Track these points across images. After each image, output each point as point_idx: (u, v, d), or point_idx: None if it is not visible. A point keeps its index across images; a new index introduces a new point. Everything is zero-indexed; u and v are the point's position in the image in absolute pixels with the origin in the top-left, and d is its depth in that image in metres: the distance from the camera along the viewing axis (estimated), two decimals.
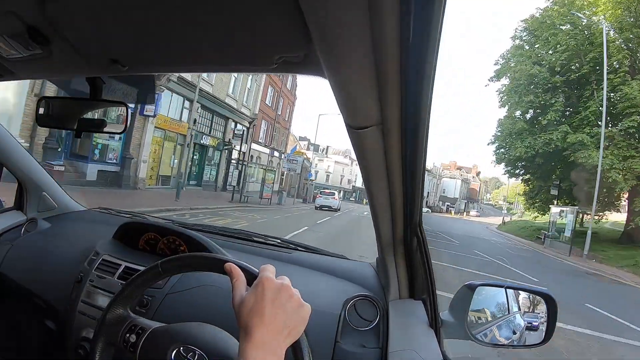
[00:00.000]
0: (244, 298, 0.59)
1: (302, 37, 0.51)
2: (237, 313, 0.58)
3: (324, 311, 1.02)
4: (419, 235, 0.93)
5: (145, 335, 0.76)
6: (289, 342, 0.58)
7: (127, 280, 0.79)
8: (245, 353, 0.55)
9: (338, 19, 0.42)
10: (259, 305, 0.57)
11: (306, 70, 0.61)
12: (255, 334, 0.55)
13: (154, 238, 1.26)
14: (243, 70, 0.73)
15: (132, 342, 0.75)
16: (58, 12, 0.58)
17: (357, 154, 0.70)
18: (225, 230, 1.53)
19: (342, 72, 0.51)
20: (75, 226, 1.51)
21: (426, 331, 0.99)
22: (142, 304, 1.03)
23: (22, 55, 0.69)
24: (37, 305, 1.23)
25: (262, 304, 0.57)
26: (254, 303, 0.58)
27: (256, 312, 0.57)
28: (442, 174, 78.79)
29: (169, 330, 0.78)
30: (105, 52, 0.69)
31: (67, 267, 1.22)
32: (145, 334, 0.76)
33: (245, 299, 0.59)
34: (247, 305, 0.58)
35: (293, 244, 1.45)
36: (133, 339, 0.75)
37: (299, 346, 0.63)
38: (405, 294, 1.09)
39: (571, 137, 18.39)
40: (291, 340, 0.59)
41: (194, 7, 0.52)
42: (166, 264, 0.75)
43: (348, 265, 1.30)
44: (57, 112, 1.00)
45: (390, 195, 0.81)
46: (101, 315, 0.77)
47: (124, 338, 0.76)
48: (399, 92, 0.52)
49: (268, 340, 0.56)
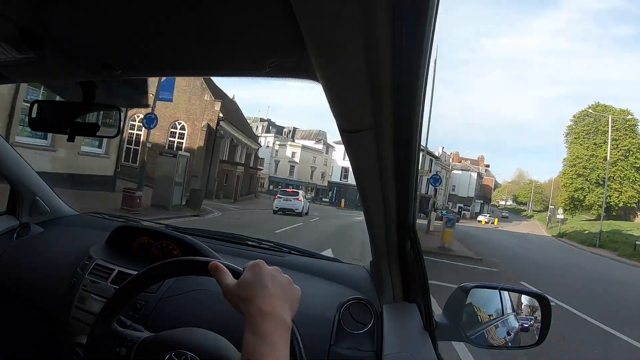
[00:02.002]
0: (240, 279, 0.59)
1: (295, 42, 0.51)
2: (234, 296, 0.58)
3: (318, 314, 1.02)
4: (413, 238, 0.94)
5: (136, 346, 0.76)
6: (292, 314, 0.58)
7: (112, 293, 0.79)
8: (257, 327, 0.53)
9: (331, 23, 0.43)
10: (259, 278, 0.58)
11: (299, 75, 0.61)
12: (262, 303, 0.55)
13: (147, 242, 1.26)
14: (236, 74, 0.73)
15: (123, 356, 0.75)
16: (51, 15, 0.58)
17: (350, 157, 0.70)
18: (218, 234, 1.53)
19: (335, 76, 0.52)
20: (68, 231, 1.50)
21: (421, 334, 0.99)
22: (136, 309, 1.03)
23: (15, 59, 0.69)
24: (30, 310, 1.22)
25: (261, 277, 0.58)
26: (254, 279, 0.58)
27: (258, 285, 0.57)
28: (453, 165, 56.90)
29: (159, 339, 0.78)
30: (98, 56, 0.69)
31: (60, 272, 1.21)
32: (135, 345, 0.76)
33: (242, 278, 0.59)
34: (243, 285, 0.58)
35: (287, 247, 1.45)
36: (124, 352, 0.76)
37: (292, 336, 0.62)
38: (399, 297, 1.09)
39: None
40: (293, 314, 0.58)
41: (186, 11, 0.52)
42: (149, 272, 0.75)
43: (342, 269, 1.30)
44: (49, 115, 1.00)
45: (383, 198, 0.82)
46: (88, 333, 0.77)
47: (114, 352, 0.76)
48: (392, 96, 0.53)
49: (275, 308, 0.55)
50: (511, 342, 1.09)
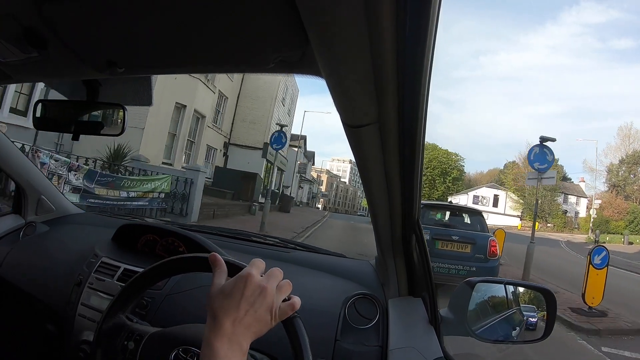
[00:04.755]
0: (221, 286, 0.58)
1: (298, 37, 0.51)
2: (211, 299, 0.58)
3: (324, 310, 1.03)
4: (418, 232, 0.94)
5: (143, 341, 0.76)
6: (254, 337, 0.58)
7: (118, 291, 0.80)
8: (211, 341, 0.54)
9: (335, 17, 0.42)
10: (235, 297, 0.56)
11: (303, 70, 0.61)
12: (224, 324, 0.55)
13: (153, 239, 1.26)
14: (240, 70, 0.73)
15: (131, 349, 0.75)
16: (55, 14, 0.58)
17: (355, 153, 0.70)
18: (223, 231, 1.53)
19: (338, 71, 0.51)
20: (74, 229, 1.51)
21: (426, 328, 1.00)
22: (142, 306, 1.03)
23: (19, 58, 0.69)
24: (36, 308, 1.23)
25: (238, 297, 0.56)
26: (230, 293, 0.57)
27: (230, 303, 0.56)
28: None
29: (167, 334, 0.78)
30: (101, 54, 0.69)
31: (66, 269, 1.22)
32: (143, 340, 0.76)
33: (223, 287, 0.58)
34: (223, 293, 0.57)
35: (292, 243, 1.45)
36: (132, 345, 0.76)
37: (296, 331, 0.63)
38: (404, 291, 1.09)
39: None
40: (256, 337, 0.58)
41: (190, 7, 0.52)
42: (151, 271, 0.76)
43: (347, 264, 1.30)
44: (54, 115, 1.00)
45: (388, 193, 0.82)
46: (96, 327, 0.78)
47: (122, 346, 0.76)
48: (396, 90, 0.52)
49: (236, 333, 0.55)
50: (516, 337, 1.09)
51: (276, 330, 0.63)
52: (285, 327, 0.64)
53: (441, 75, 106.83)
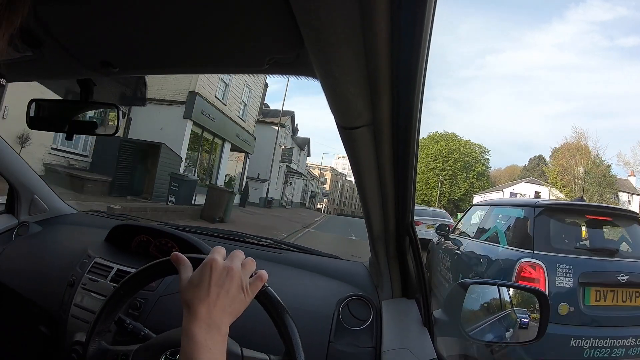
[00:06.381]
0: (189, 278, 0.60)
1: (293, 38, 0.51)
2: (182, 291, 0.59)
3: (317, 311, 1.03)
4: (411, 234, 0.94)
5: (131, 355, 0.76)
6: (232, 319, 0.59)
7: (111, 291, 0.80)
8: (189, 330, 0.55)
9: (329, 19, 0.43)
10: (204, 284, 0.58)
11: (297, 71, 0.61)
12: (199, 311, 0.56)
13: (147, 240, 1.26)
14: (234, 71, 0.74)
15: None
16: (49, 13, 0.58)
17: (349, 154, 0.70)
18: (217, 232, 1.53)
19: (333, 72, 0.51)
20: (67, 229, 1.50)
21: (420, 330, 1.00)
22: (135, 307, 1.03)
23: (13, 57, 0.68)
24: (29, 309, 1.22)
25: (206, 283, 0.58)
26: (199, 281, 0.58)
27: (200, 290, 0.57)
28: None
29: (152, 344, 0.78)
30: (96, 53, 0.69)
31: (59, 270, 1.21)
32: (129, 358, 0.77)
33: (191, 278, 0.60)
34: (192, 283, 0.59)
35: (285, 244, 1.45)
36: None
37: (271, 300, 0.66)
38: (398, 293, 1.09)
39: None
40: (234, 319, 0.59)
41: (184, 9, 0.52)
42: (126, 285, 0.78)
43: (341, 265, 1.30)
44: (48, 114, 1.00)
45: (382, 195, 0.82)
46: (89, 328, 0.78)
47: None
48: (390, 92, 0.53)
49: (213, 317, 0.56)
50: (510, 338, 1.10)
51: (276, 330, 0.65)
52: (260, 301, 0.67)
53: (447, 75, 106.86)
